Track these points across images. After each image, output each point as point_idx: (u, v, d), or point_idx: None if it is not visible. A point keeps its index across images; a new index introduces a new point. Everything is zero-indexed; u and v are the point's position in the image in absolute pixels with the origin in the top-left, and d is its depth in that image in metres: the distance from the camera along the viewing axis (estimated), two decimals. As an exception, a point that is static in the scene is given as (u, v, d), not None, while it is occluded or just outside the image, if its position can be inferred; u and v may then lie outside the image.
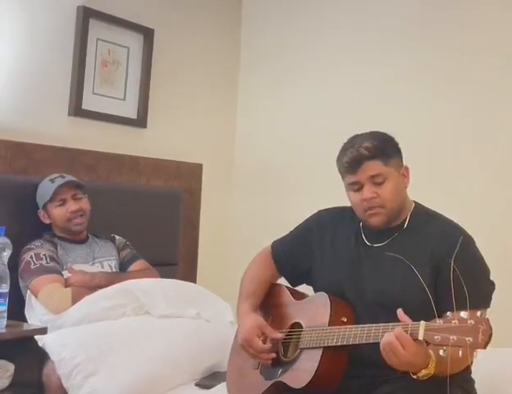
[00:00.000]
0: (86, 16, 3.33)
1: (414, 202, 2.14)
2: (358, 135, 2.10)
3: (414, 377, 1.79)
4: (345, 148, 2.08)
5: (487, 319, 1.67)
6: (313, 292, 2.21)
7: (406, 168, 2.10)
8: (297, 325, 2.13)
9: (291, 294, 2.25)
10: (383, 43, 3.70)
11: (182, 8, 3.87)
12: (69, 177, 2.94)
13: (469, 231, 2.06)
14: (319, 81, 3.91)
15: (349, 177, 2.05)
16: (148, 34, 3.63)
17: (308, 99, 3.95)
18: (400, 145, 2.11)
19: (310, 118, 3.93)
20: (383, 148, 2.04)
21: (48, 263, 2.79)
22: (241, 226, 4.09)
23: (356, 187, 2.05)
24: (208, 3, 4.02)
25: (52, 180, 2.91)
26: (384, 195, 2.02)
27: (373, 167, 2.02)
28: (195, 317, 2.87)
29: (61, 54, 3.29)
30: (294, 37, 4.01)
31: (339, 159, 2.09)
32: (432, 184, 3.31)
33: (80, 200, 2.95)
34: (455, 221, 2.10)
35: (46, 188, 2.90)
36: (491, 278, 2.02)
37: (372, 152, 2.01)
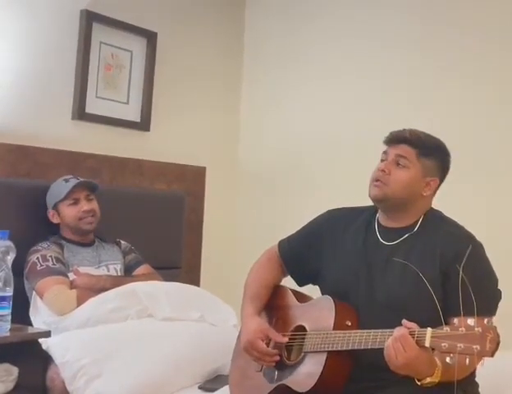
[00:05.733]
0: (89, 19, 3.33)
1: (431, 207, 2.14)
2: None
3: (419, 383, 1.79)
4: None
5: (495, 327, 1.66)
6: (320, 292, 2.20)
7: (435, 181, 2.10)
8: (301, 328, 2.12)
9: (295, 296, 2.24)
10: (385, 49, 3.70)
11: (185, 12, 3.87)
12: (83, 179, 2.98)
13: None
14: (322, 83, 3.91)
15: (386, 148, 2.13)
16: (151, 38, 3.64)
17: (310, 102, 3.95)
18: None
19: (313, 121, 3.93)
20: (427, 145, 2.09)
21: (54, 264, 2.80)
22: (245, 230, 4.09)
23: (383, 157, 2.12)
24: (211, 6, 4.03)
25: (66, 180, 2.94)
26: (394, 177, 2.06)
27: (406, 150, 2.07)
28: (199, 320, 2.87)
29: (64, 58, 3.30)
30: (296, 40, 4.01)
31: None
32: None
33: (92, 201, 2.99)
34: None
35: (60, 187, 2.93)
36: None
37: (414, 139, 2.08)
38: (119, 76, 3.55)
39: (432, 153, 2.09)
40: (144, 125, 3.64)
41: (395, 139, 2.10)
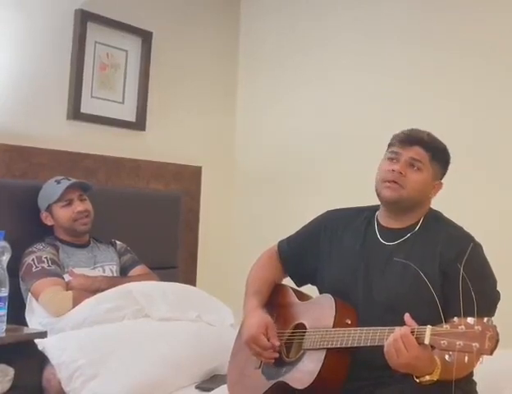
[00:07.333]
0: (84, 19, 3.32)
1: (430, 207, 2.15)
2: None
3: (417, 381, 1.79)
4: (410, 128, 2.12)
5: (494, 326, 1.67)
6: (318, 292, 2.20)
7: (440, 184, 2.12)
8: (301, 326, 2.12)
9: (296, 294, 2.24)
10: (383, 48, 3.71)
11: (181, 11, 3.87)
12: (74, 179, 2.96)
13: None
14: (317, 83, 3.92)
15: (397, 148, 2.08)
16: (146, 37, 3.63)
17: (306, 102, 3.95)
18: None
19: (309, 120, 3.93)
20: (440, 151, 2.09)
21: (49, 266, 2.79)
22: (241, 229, 4.09)
23: (394, 157, 2.08)
24: (207, 6, 4.02)
25: (58, 182, 2.92)
26: (410, 179, 2.04)
27: (420, 153, 2.06)
28: (195, 320, 2.87)
29: (59, 57, 3.29)
30: (292, 39, 4.01)
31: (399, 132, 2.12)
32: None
33: (85, 201, 2.97)
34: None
35: (52, 189, 2.91)
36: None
37: (430, 143, 2.07)
38: (114, 76, 3.54)
39: (441, 158, 2.10)
40: (139, 124, 3.63)
41: (408, 140, 2.07)
